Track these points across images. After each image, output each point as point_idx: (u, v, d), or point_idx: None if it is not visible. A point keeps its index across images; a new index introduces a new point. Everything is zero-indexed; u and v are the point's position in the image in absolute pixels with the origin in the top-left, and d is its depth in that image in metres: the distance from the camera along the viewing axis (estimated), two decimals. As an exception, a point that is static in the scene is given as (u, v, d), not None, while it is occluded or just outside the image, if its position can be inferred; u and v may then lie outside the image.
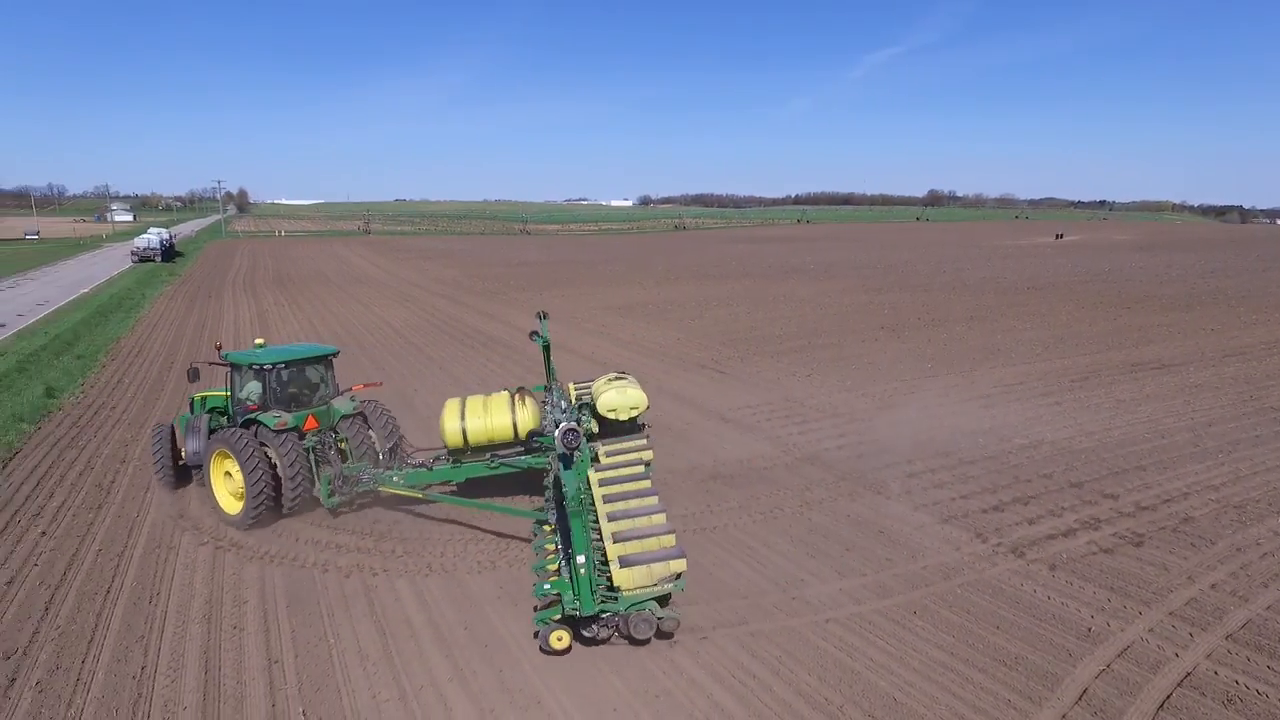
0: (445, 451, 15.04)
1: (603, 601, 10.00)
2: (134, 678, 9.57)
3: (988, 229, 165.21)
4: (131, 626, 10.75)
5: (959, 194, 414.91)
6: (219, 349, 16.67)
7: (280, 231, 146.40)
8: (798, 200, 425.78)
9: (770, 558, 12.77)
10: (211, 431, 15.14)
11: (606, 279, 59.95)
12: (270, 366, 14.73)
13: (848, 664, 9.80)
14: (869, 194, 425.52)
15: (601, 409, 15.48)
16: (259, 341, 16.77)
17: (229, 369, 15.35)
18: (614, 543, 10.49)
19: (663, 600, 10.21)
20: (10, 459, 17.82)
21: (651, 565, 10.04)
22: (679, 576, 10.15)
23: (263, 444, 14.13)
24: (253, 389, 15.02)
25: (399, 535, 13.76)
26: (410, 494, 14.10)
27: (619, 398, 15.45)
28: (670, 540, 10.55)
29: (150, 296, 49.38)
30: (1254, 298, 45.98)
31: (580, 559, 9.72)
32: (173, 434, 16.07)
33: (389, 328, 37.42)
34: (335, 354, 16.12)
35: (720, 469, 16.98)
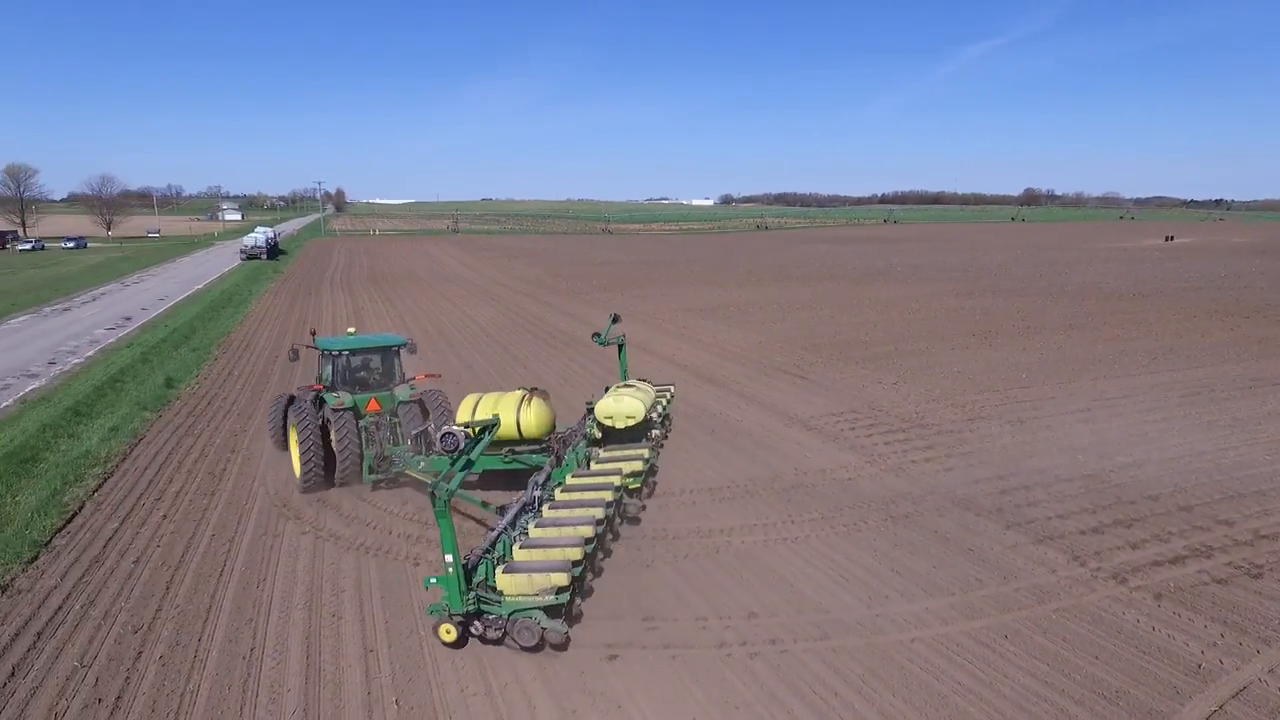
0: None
1: (483, 603, 10.24)
2: (244, 658, 10.22)
3: (1089, 230, 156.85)
4: (241, 609, 11.48)
5: (1058, 193, 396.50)
6: (313, 334, 18.36)
7: (374, 230, 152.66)
8: (884, 200, 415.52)
9: (854, 571, 12.55)
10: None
11: (687, 279, 59.96)
12: (339, 352, 16.59)
13: (934, 686, 9.55)
14: (960, 193, 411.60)
15: (598, 415, 15.46)
16: (350, 330, 19.07)
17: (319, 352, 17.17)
18: (520, 548, 10.84)
19: (555, 610, 10.26)
20: (136, 444, 19.28)
21: (533, 574, 10.22)
22: (561, 590, 10.18)
23: (326, 420, 15.86)
24: (327, 371, 16.67)
25: (484, 532, 14.14)
26: (425, 479, 14.81)
27: (614, 406, 15.31)
28: (575, 554, 10.66)
29: (256, 293, 52.37)
30: (1395, 308, 42.06)
31: (448, 558, 9.95)
32: (290, 402, 17.61)
33: (476, 325, 38.53)
34: (402, 345, 17.51)
35: (802, 478, 16.77)
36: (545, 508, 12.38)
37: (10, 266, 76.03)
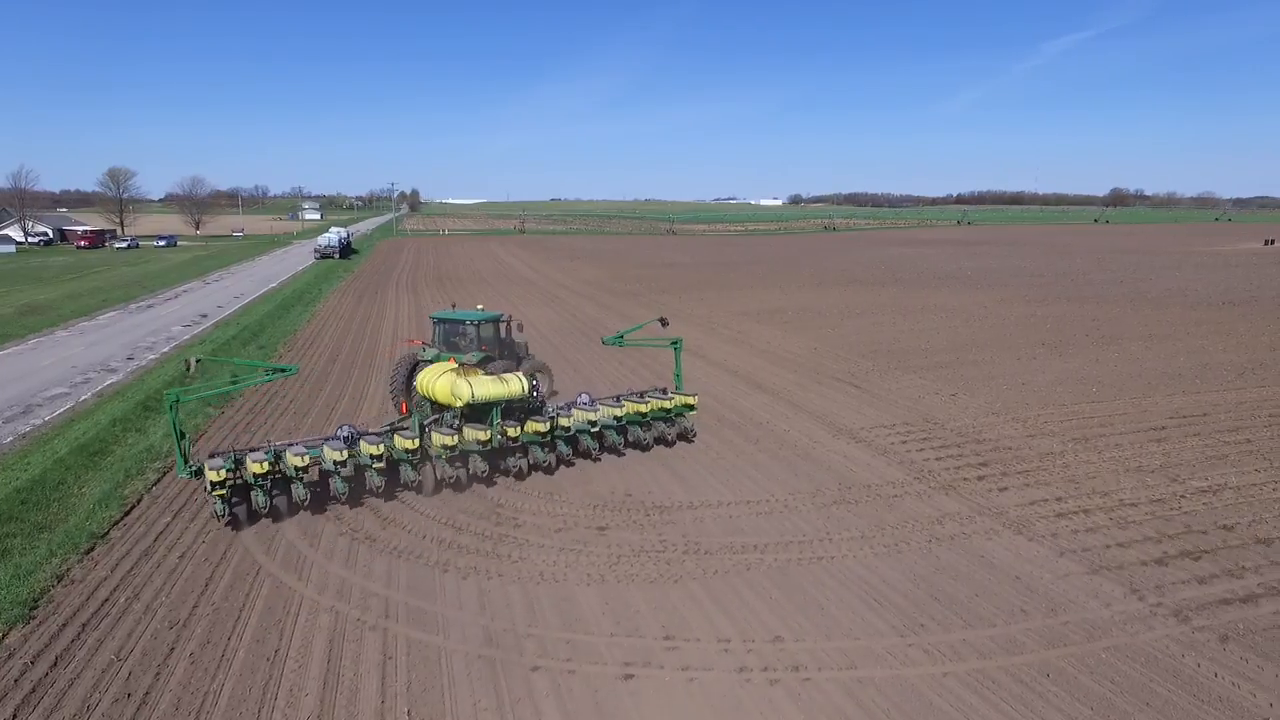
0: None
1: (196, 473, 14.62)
2: (268, 660, 10.41)
3: (1180, 233, 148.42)
4: (272, 609, 11.72)
5: (1147, 192, 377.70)
6: (453, 306, 25.34)
7: (444, 230, 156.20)
8: (959, 200, 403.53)
9: (889, 596, 12.02)
10: None
11: (748, 283, 59.23)
12: (435, 320, 22.12)
13: (964, 726, 9.01)
14: (1041, 193, 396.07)
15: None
16: (479, 306, 24.30)
17: None
18: (252, 459, 14.34)
19: (224, 500, 14.20)
20: (197, 439, 20.02)
21: (212, 469, 13.88)
22: (212, 485, 13.81)
23: (414, 366, 20.92)
24: (432, 333, 22.18)
25: (516, 539, 14.17)
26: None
27: (453, 387, 16.78)
28: (258, 468, 14.27)
29: (325, 292, 54.12)
30: None
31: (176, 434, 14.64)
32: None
33: (533, 328, 38.76)
34: (483, 320, 21.42)
35: (845, 494, 16.22)
36: (326, 444, 15.28)
37: (107, 263, 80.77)
